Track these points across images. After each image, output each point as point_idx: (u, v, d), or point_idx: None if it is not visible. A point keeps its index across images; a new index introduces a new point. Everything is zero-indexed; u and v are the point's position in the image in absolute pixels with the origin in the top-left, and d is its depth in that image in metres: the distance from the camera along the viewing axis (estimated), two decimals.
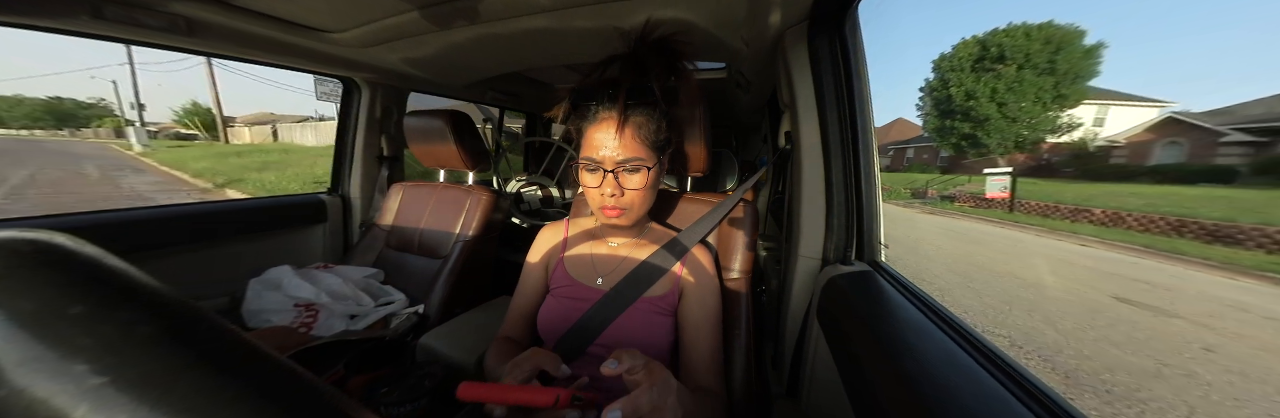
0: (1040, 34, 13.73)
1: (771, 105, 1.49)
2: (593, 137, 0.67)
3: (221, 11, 0.88)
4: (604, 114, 0.66)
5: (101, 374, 0.11)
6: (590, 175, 0.69)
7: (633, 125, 0.66)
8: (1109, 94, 19.78)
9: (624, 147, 0.66)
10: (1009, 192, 9.47)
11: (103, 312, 0.12)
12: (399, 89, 1.62)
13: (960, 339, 0.51)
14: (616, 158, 0.66)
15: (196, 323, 0.14)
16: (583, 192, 0.95)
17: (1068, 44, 13.73)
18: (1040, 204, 9.17)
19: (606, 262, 0.78)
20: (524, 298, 0.81)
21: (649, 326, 0.71)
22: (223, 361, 0.13)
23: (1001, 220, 8.39)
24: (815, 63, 0.75)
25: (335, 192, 1.68)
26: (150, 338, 0.12)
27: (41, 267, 0.12)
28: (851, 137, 0.74)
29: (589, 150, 0.67)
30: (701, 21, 0.88)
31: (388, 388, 0.87)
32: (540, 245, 0.84)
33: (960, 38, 14.67)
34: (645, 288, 0.72)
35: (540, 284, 0.81)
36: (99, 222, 1.08)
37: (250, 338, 0.15)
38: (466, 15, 0.90)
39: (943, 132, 14.84)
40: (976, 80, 13.32)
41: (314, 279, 1.18)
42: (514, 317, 0.81)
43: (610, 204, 0.68)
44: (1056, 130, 14.15)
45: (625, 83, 0.66)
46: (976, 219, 8.71)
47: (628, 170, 0.67)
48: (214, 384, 0.12)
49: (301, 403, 0.14)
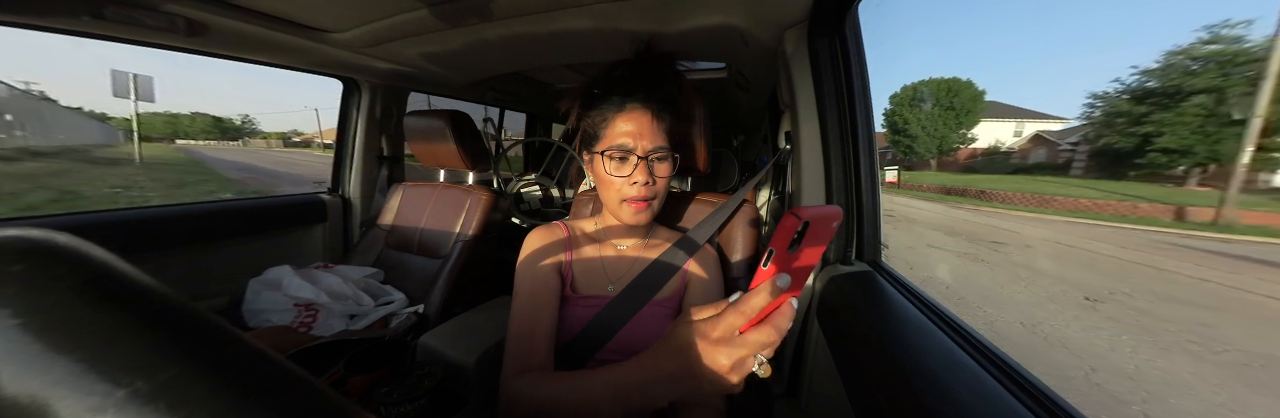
0: (945, 84, 22.53)
1: (771, 105, 1.49)
2: (620, 125, 0.66)
3: (222, 12, 0.87)
4: (632, 104, 0.67)
5: (119, 387, 0.11)
6: (619, 164, 0.66)
7: (660, 118, 0.68)
8: (1029, 113, 28.61)
9: (655, 136, 0.66)
10: (897, 178, 14.44)
11: (101, 312, 0.12)
12: (399, 89, 1.62)
13: (960, 339, 0.51)
14: (649, 146, 0.66)
15: (194, 324, 0.14)
16: (582, 192, 0.95)
17: (962, 90, 22.34)
18: (913, 185, 15.18)
19: (616, 266, 0.74)
20: (540, 317, 0.66)
21: (661, 329, 0.69)
22: (220, 362, 0.13)
23: (892, 193, 14.51)
24: (815, 63, 0.75)
25: (335, 191, 1.68)
26: (149, 339, 0.12)
27: (41, 267, 0.12)
28: (851, 137, 0.74)
29: (617, 139, 0.66)
30: (701, 21, 0.88)
31: (388, 388, 0.87)
32: (539, 254, 0.72)
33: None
34: (656, 290, 0.70)
35: (555, 298, 0.69)
36: (99, 221, 1.08)
37: (249, 339, 0.15)
38: (467, 15, 0.90)
39: (895, 143, 24.13)
40: (912, 112, 22.61)
41: (314, 279, 1.18)
42: (538, 345, 0.64)
43: (638, 195, 0.66)
44: (966, 142, 23.19)
45: (652, 78, 0.69)
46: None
47: (658, 159, 0.67)
48: (211, 386, 0.12)
49: (300, 404, 0.14)
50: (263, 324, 1.08)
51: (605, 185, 0.69)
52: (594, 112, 0.69)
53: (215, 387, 0.12)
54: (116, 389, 0.11)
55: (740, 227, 0.83)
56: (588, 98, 0.71)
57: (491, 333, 1.10)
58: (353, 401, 0.16)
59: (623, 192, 0.67)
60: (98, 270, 0.13)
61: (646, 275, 0.70)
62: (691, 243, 0.74)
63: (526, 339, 0.64)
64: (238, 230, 1.36)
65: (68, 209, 1.32)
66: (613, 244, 0.77)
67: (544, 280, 0.69)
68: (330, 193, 1.67)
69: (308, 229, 1.58)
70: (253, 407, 0.12)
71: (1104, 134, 14.31)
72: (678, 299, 0.73)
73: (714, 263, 0.76)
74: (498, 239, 1.49)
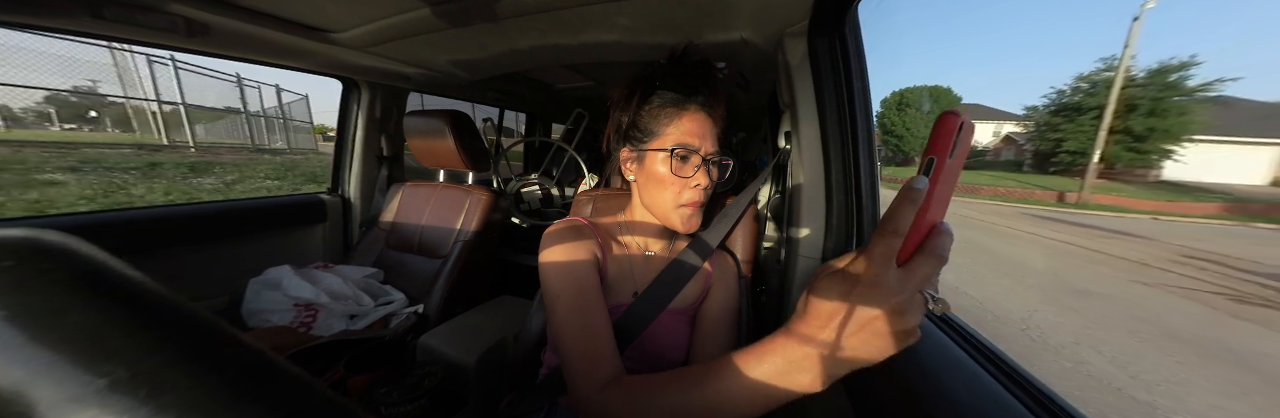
0: (927, 90, 26.51)
1: (771, 105, 1.49)
2: (686, 125, 0.63)
3: (222, 12, 0.87)
4: (697, 105, 0.64)
5: (99, 376, 0.11)
6: (682, 164, 0.62)
7: (716, 123, 0.65)
8: (1008, 115, 30.67)
9: (714, 139, 0.64)
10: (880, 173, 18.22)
11: (100, 313, 0.12)
12: (399, 89, 1.62)
13: (960, 339, 0.51)
14: (710, 148, 0.64)
15: (193, 325, 0.14)
16: (582, 192, 0.95)
17: (942, 96, 26.31)
18: (889, 177, 16.10)
19: (644, 271, 0.70)
20: (595, 321, 0.57)
21: (678, 333, 0.68)
22: (219, 362, 0.13)
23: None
24: (815, 63, 0.75)
25: (335, 191, 1.68)
26: (147, 340, 0.12)
27: (40, 267, 0.13)
28: (851, 137, 0.74)
29: (683, 137, 0.62)
30: (701, 21, 0.88)
31: (387, 388, 0.87)
32: (571, 253, 0.63)
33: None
34: (674, 294, 0.66)
35: (602, 300, 0.60)
36: (99, 222, 1.08)
37: (248, 339, 0.15)
38: (469, 15, 0.90)
39: (885, 142, 27.29)
40: (898, 115, 26.40)
41: (314, 279, 1.18)
42: (604, 350, 0.55)
43: (698, 199, 0.64)
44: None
45: (707, 82, 0.66)
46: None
47: (715, 164, 0.65)
48: (210, 386, 0.12)
49: (299, 405, 0.14)
50: (262, 324, 1.08)
51: (661, 185, 0.63)
52: (652, 106, 0.65)
53: (197, 377, 0.12)
54: (97, 379, 0.11)
55: (742, 227, 0.84)
56: (648, 89, 0.66)
57: (491, 333, 1.10)
58: (353, 400, 0.16)
59: (681, 195, 0.63)
60: (86, 266, 0.13)
61: (664, 279, 0.67)
62: (705, 245, 0.72)
63: (590, 346, 0.55)
64: (238, 230, 1.36)
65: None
66: (642, 248, 0.72)
67: (588, 282, 0.60)
68: (330, 193, 1.67)
69: (307, 229, 1.58)
70: (252, 408, 0.13)
71: (1033, 138, 18.51)
72: (698, 305, 0.71)
73: (732, 266, 0.75)
74: (497, 239, 1.49)
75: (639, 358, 0.65)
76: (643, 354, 0.65)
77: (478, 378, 1.00)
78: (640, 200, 0.69)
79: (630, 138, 0.66)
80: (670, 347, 0.67)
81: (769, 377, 0.35)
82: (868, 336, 0.30)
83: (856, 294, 0.30)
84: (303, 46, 1.11)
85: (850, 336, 0.31)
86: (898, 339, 0.30)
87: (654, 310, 0.64)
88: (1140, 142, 14.77)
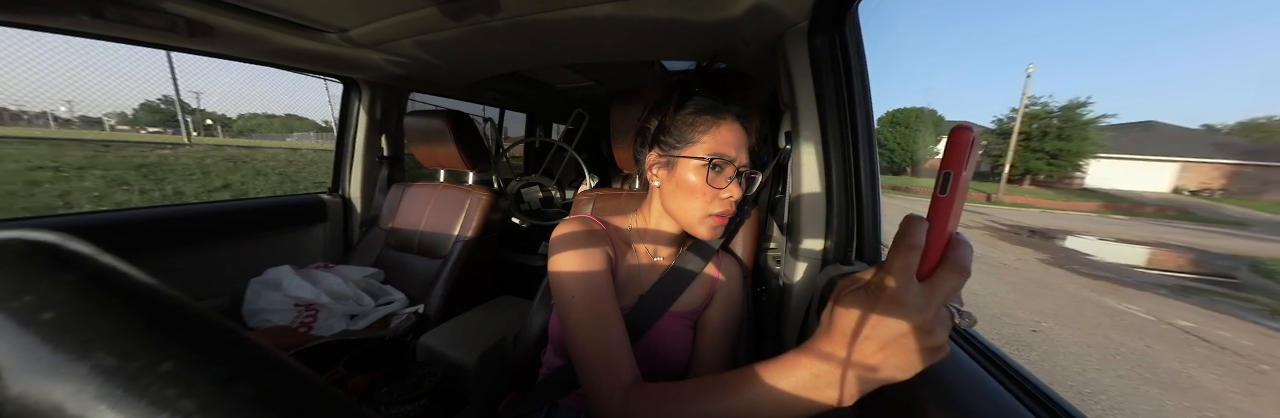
0: (914, 112, 31.06)
1: (772, 105, 1.49)
2: (723, 134, 0.61)
3: (223, 11, 0.87)
4: (735, 115, 0.63)
5: (115, 376, 0.11)
6: (717, 175, 0.60)
7: (749, 135, 0.64)
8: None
9: (748, 152, 0.63)
10: None
11: (102, 312, 0.12)
12: (399, 89, 1.63)
13: (960, 339, 0.51)
14: (744, 160, 0.63)
15: (197, 322, 0.14)
16: (582, 192, 0.94)
17: (927, 116, 31.57)
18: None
19: (651, 276, 0.69)
20: (611, 325, 0.55)
21: (681, 336, 0.68)
22: (226, 360, 0.13)
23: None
24: (815, 63, 0.74)
25: (335, 191, 1.68)
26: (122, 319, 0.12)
27: (41, 267, 0.13)
28: (851, 137, 0.74)
29: (720, 147, 0.61)
30: (701, 20, 0.88)
31: (388, 388, 0.87)
32: (584, 253, 0.61)
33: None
34: (675, 298, 0.66)
35: (615, 303, 0.58)
36: (99, 222, 1.08)
37: (254, 338, 0.15)
38: (468, 14, 0.90)
39: (879, 154, 29.31)
40: (891, 132, 30.32)
41: (314, 279, 1.18)
42: (622, 356, 0.54)
43: (728, 211, 0.63)
44: (930, 154, 30.72)
45: (742, 93, 0.65)
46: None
47: (747, 177, 0.64)
48: (217, 383, 0.12)
49: (307, 403, 0.14)
50: (263, 324, 1.09)
51: (691, 194, 0.61)
52: (687, 112, 0.63)
53: (220, 385, 0.12)
54: (81, 364, 0.11)
55: (743, 229, 0.84)
56: (686, 95, 0.64)
57: (491, 333, 1.10)
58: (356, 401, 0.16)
59: (711, 205, 0.61)
60: (97, 271, 0.13)
61: (667, 282, 0.67)
62: (707, 248, 0.71)
63: (608, 351, 0.53)
64: (238, 230, 1.36)
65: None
66: (652, 253, 0.71)
67: (603, 285, 0.59)
68: (330, 193, 1.67)
69: (308, 229, 1.58)
70: (262, 405, 0.13)
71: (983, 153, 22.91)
72: (702, 309, 0.70)
73: (739, 272, 0.75)
74: (498, 239, 1.49)
75: (640, 360, 0.64)
76: (644, 357, 0.64)
77: (478, 378, 1.00)
78: (664, 206, 0.66)
79: (661, 143, 0.64)
80: (673, 349, 0.67)
81: (796, 390, 0.35)
82: (895, 351, 0.30)
83: (880, 311, 0.30)
84: (303, 47, 1.11)
85: (876, 352, 0.31)
86: (926, 355, 0.30)
87: (656, 313, 0.64)
88: (1055, 158, 20.90)
